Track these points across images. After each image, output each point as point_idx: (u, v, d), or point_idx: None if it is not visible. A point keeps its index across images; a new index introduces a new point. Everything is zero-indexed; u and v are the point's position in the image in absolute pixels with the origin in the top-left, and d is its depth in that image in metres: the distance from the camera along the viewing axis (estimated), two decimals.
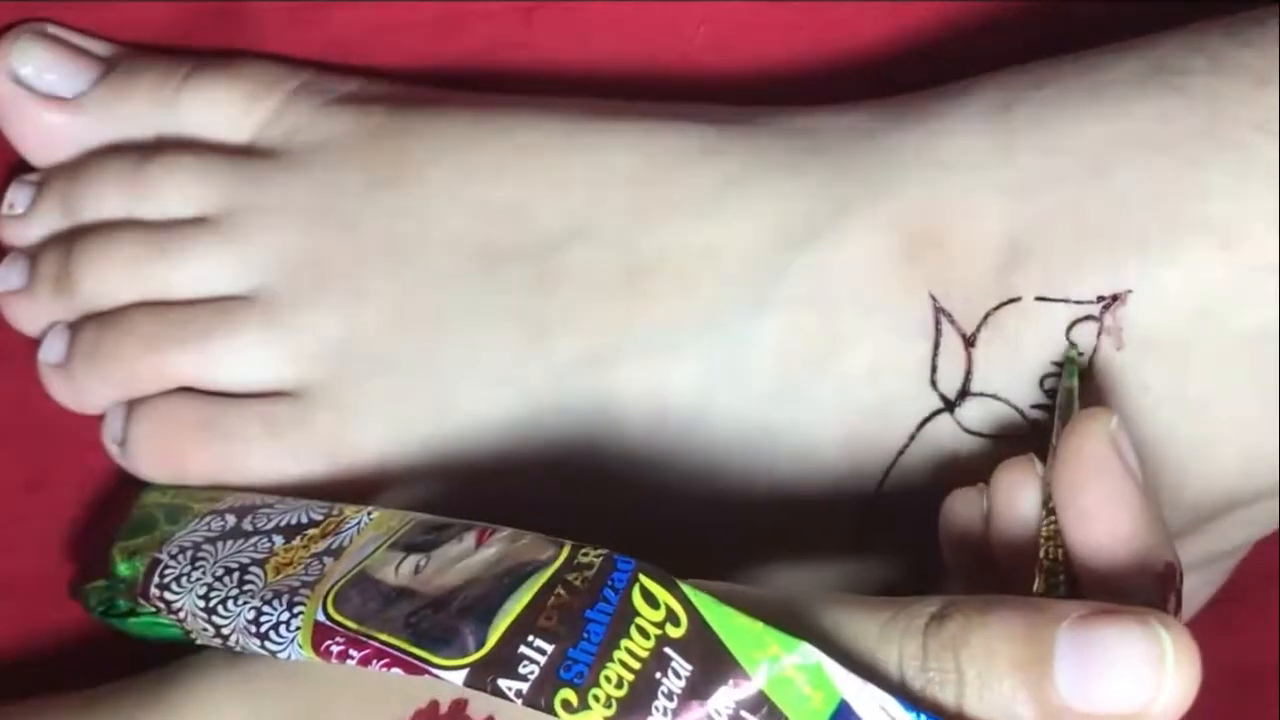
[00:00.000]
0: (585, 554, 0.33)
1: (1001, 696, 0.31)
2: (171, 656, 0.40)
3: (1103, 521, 0.34)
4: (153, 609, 0.39)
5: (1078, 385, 0.37)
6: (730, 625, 0.31)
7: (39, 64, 0.44)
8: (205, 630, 0.37)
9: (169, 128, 0.44)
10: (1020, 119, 0.39)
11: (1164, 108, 0.38)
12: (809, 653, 0.30)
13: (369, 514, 0.38)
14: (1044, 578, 0.34)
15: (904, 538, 0.40)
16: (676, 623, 0.31)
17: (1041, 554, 0.34)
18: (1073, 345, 0.38)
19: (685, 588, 0.31)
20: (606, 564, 0.32)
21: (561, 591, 0.32)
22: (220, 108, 0.44)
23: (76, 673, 0.42)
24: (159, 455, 0.42)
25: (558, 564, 0.33)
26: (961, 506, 0.37)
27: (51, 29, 0.45)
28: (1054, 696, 0.30)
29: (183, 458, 0.42)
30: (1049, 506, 0.35)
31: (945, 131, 0.39)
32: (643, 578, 0.32)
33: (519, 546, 0.34)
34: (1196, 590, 0.46)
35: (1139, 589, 0.33)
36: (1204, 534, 0.40)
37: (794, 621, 0.31)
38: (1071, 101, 0.39)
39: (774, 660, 0.30)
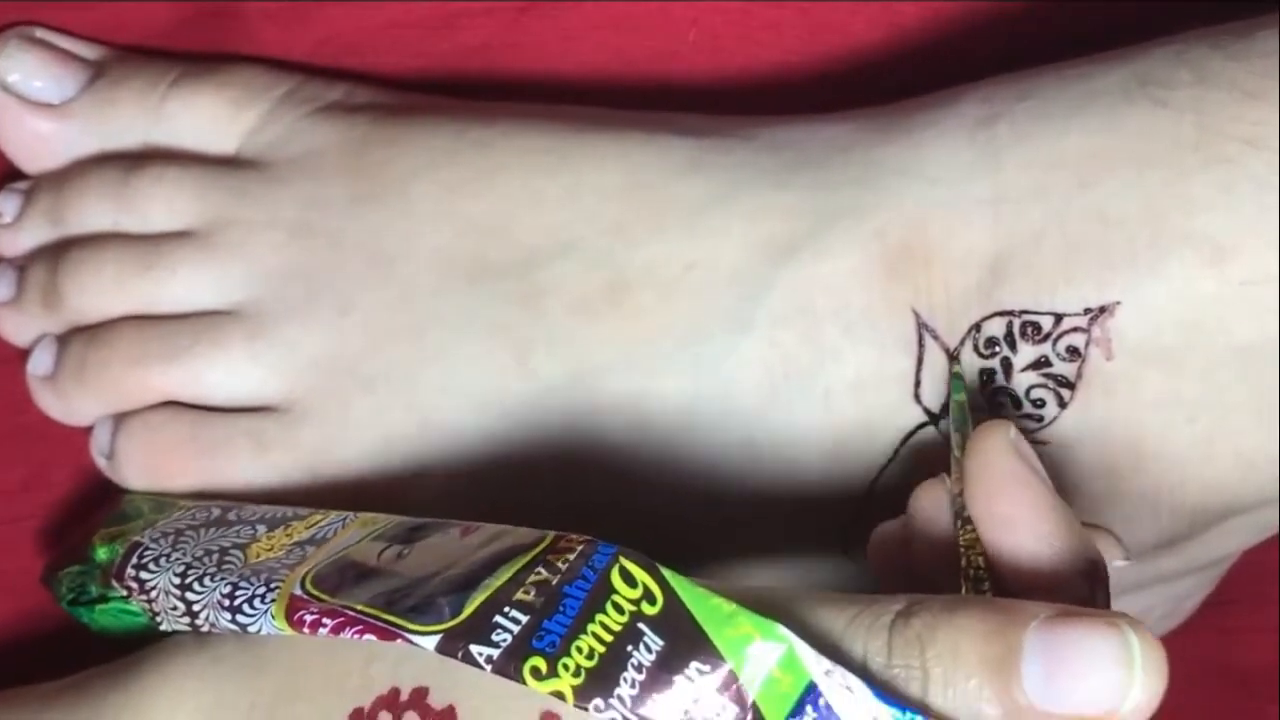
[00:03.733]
0: (569, 540, 0.34)
1: (966, 695, 0.31)
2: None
3: (1022, 526, 0.34)
4: (123, 592, 0.39)
5: (966, 399, 0.38)
6: (705, 605, 0.31)
7: (27, 70, 0.45)
8: (175, 610, 0.38)
9: (156, 135, 0.45)
10: (1004, 132, 0.39)
11: (1150, 121, 0.38)
12: (781, 634, 0.31)
13: (354, 514, 0.39)
14: (970, 585, 0.35)
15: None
16: (652, 601, 0.32)
17: (964, 563, 0.35)
18: (955, 360, 0.39)
19: (664, 570, 0.32)
20: (589, 548, 0.33)
21: (542, 570, 0.33)
22: (206, 116, 0.44)
23: (72, 672, 0.42)
24: (146, 468, 0.43)
25: (540, 548, 0.34)
26: (886, 530, 0.38)
27: (40, 33, 0.46)
28: (1020, 696, 0.30)
29: (169, 471, 0.43)
30: (963, 517, 0.36)
31: (929, 144, 0.40)
32: (622, 559, 0.32)
33: (503, 534, 0.35)
34: (1190, 594, 0.46)
35: (1067, 587, 0.34)
36: (1201, 540, 0.41)
37: (765, 611, 0.32)
38: (1056, 114, 0.39)
39: (745, 640, 0.31)
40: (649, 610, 0.32)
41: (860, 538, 0.41)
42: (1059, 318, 0.38)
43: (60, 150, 0.45)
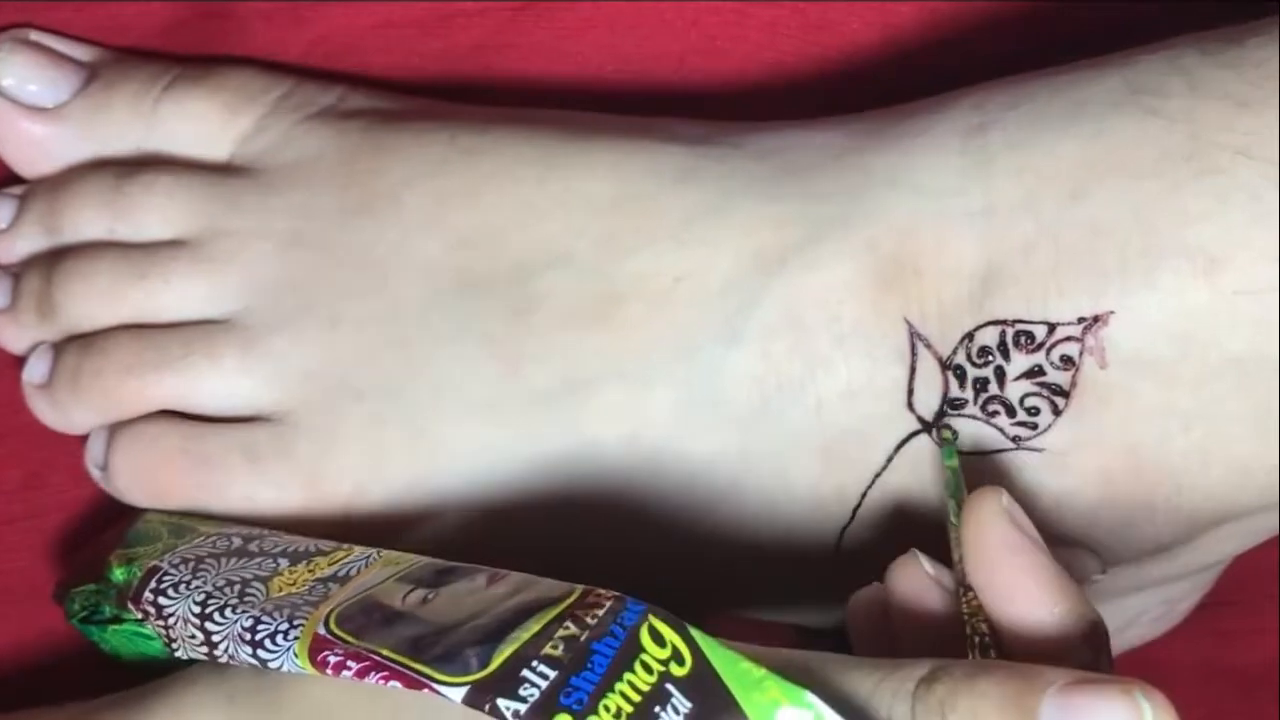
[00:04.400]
0: (597, 595, 0.34)
1: None
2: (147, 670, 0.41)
3: (1023, 595, 0.36)
4: (138, 616, 0.40)
5: (959, 464, 0.39)
6: (734, 669, 0.32)
7: (21, 74, 0.45)
8: (193, 638, 0.38)
9: (150, 140, 0.45)
10: (995, 141, 0.39)
11: (1142, 130, 0.38)
12: (808, 700, 0.31)
13: (378, 552, 0.39)
14: (977, 653, 0.36)
15: (884, 557, 0.40)
16: (681, 661, 0.32)
17: (968, 630, 0.36)
18: (946, 427, 0.39)
19: (693, 630, 0.33)
20: (618, 604, 0.34)
21: (570, 625, 0.33)
22: (199, 121, 0.45)
23: (71, 674, 0.43)
24: (140, 480, 0.43)
25: (569, 601, 0.34)
26: (864, 601, 0.39)
27: (34, 35, 0.46)
28: None
29: (163, 483, 0.43)
30: (964, 585, 0.36)
31: (919, 153, 0.40)
32: (652, 618, 0.33)
33: (531, 585, 0.35)
34: (1184, 597, 0.47)
35: (1071, 653, 0.35)
36: (1196, 546, 0.42)
37: (792, 675, 0.32)
38: (1047, 122, 0.39)
39: (774, 705, 0.31)
40: (678, 671, 0.32)
41: (854, 543, 0.41)
42: (1052, 327, 0.39)
43: (55, 154, 0.45)
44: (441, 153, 0.43)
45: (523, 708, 0.32)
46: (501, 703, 0.32)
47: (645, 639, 0.32)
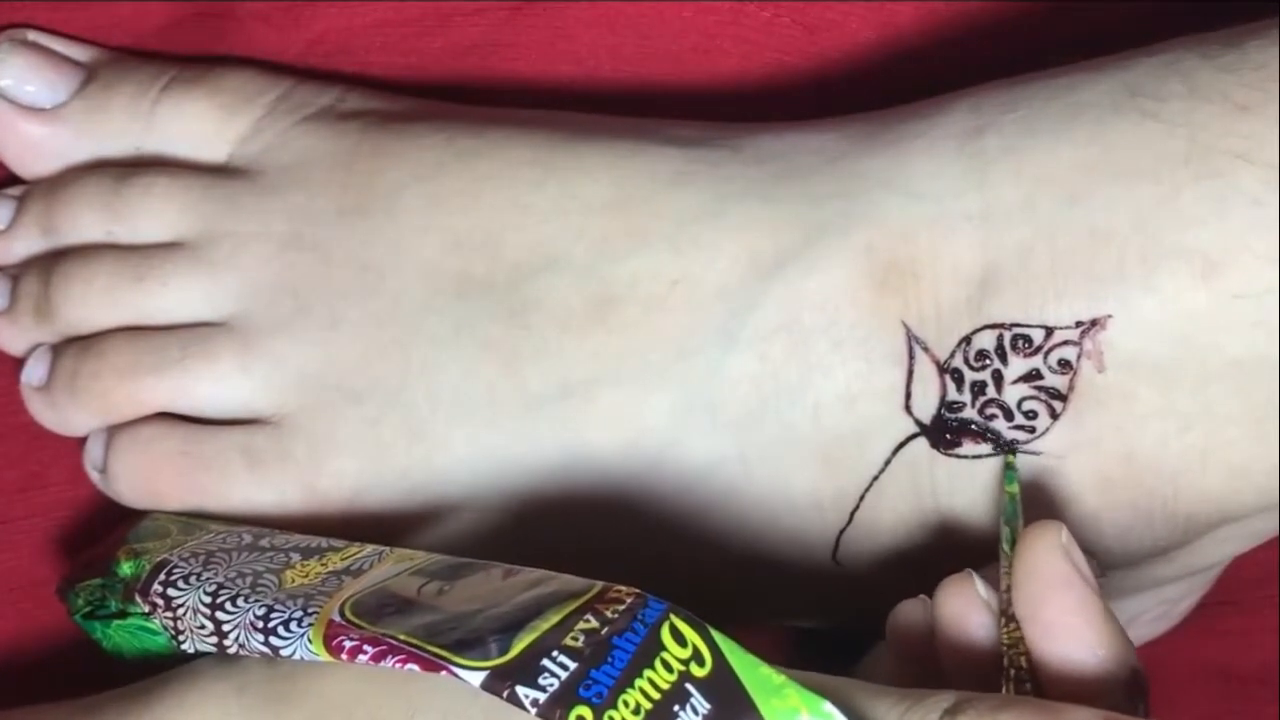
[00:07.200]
0: (617, 590, 0.35)
1: None
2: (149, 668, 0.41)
3: (1068, 633, 0.36)
4: (144, 609, 0.40)
5: (1019, 490, 0.39)
6: (754, 674, 0.33)
7: (19, 74, 0.45)
8: (202, 629, 0.39)
9: (147, 141, 0.46)
10: (992, 144, 0.40)
11: (1140, 134, 0.39)
12: (827, 711, 0.32)
13: (391, 549, 0.39)
14: (1012, 686, 0.36)
15: (881, 558, 0.40)
16: (701, 663, 0.33)
17: (1005, 662, 0.36)
18: (1011, 450, 0.39)
19: (714, 632, 0.33)
20: (638, 601, 0.34)
21: (591, 618, 0.34)
22: (197, 122, 0.45)
23: (71, 673, 0.44)
24: (139, 483, 0.44)
25: (589, 595, 0.35)
26: (906, 616, 0.39)
27: (32, 35, 0.46)
28: None
29: (162, 486, 0.44)
30: (1008, 614, 0.37)
31: (916, 156, 0.40)
32: (673, 617, 0.33)
33: (549, 579, 0.36)
34: (1183, 597, 0.47)
35: (1108, 696, 0.35)
36: (1194, 548, 0.42)
37: (815, 690, 0.33)
38: (1045, 126, 0.39)
39: (792, 712, 0.32)
40: (697, 672, 0.33)
41: (852, 545, 0.42)
42: (1050, 330, 0.39)
43: (53, 155, 0.46)
44: (438, 155, 0.43)
45: (542, 697, 0.32)
46: (521, 690, 0.32)
47: (666, 637, 0.33)
